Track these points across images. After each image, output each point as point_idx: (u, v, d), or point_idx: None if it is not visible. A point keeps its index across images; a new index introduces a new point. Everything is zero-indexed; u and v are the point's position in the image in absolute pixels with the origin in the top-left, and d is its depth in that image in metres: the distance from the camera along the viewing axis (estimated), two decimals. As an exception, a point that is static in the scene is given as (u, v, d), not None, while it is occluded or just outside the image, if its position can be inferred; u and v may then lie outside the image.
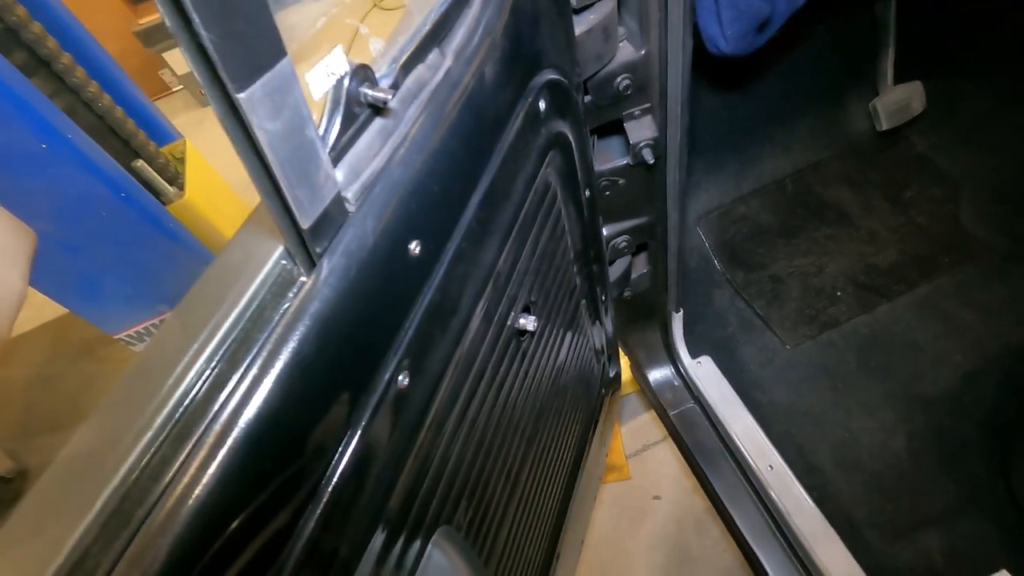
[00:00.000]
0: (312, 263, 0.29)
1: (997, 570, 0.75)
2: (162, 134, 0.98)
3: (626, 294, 0.96)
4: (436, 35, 0.36)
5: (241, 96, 0.22)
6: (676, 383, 1.06)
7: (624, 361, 1.22)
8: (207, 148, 1.26)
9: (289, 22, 0.26)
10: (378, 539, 0.36)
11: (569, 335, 0.73)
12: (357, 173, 0.32)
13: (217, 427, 0.25)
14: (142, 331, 0.93)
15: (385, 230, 0.32)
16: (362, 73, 0.31)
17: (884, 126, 1.05)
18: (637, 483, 1.37)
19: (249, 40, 0.22)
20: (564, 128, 0.52)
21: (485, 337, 0.46)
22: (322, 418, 0.30)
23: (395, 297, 0.35)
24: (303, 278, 0.29)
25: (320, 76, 0.29)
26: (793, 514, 0.86)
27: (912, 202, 1.08)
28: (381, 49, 0.35)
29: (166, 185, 0.88)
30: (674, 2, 0.55)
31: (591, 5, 0.56)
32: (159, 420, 0.25)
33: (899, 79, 1.03)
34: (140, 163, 0.82)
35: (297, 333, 0.28)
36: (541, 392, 0.65)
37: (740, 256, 1.14)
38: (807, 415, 0.96)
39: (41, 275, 0.77)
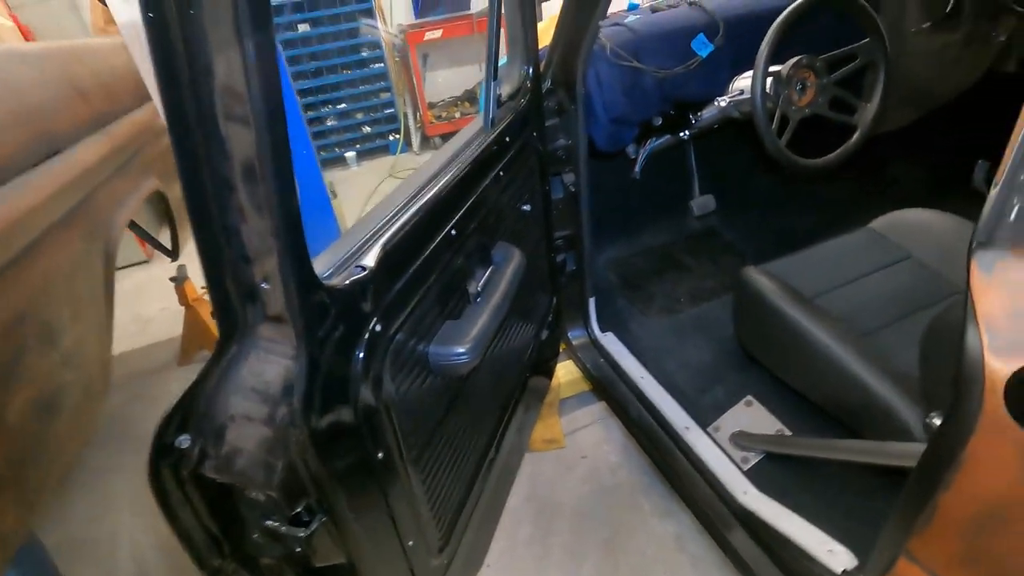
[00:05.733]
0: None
1: (745, 396, 1.44)
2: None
3: (562, 279, 1.72)
4: (511, 100, 1.22)
5: None
6: (591, 346, 1.77)
7: (565, 368, 1.92)
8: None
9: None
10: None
11: (536, 273, 1.47)
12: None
13: None
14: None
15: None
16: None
17: (696, 214, 1.99)
18: (570, 449, 1.95)
19: None
20: (537, 145, 1.35)
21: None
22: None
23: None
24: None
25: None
26: (651, 394, 1.53)
27: (718, 259, 1.97)
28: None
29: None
30: (575, 125, 1.45)
31: (550, 122, 1.46)
32: None
33: (702, 192, 2.00)
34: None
35: None
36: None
37: (630, 284, 1.95)
38: (663, 353, 1.68)
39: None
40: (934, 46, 1.64)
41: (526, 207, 1.32)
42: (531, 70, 1.23)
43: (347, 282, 0.64)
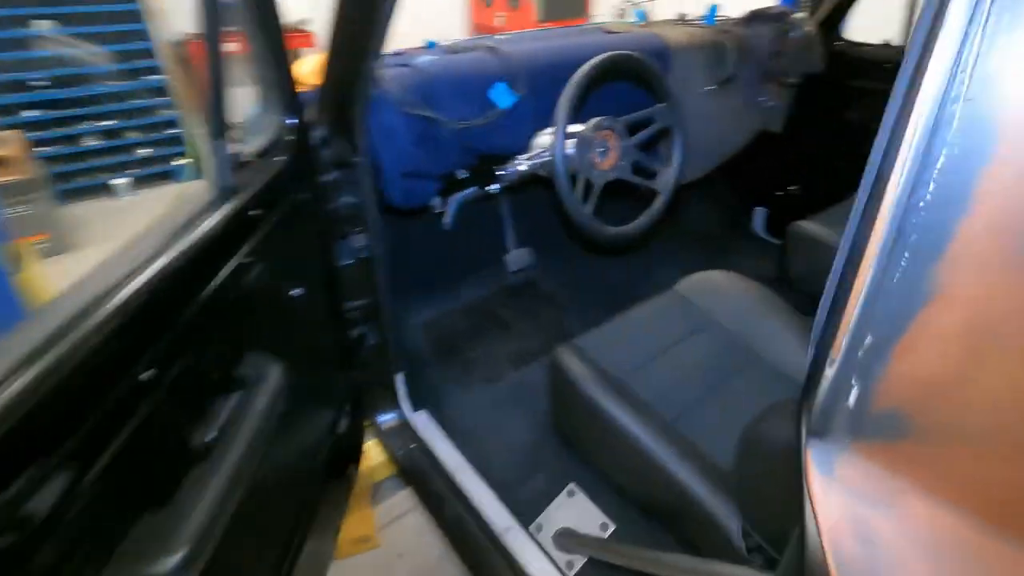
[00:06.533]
0: None
1: (568, 484, 1.31)
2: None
3: (363, 356, 1.45)
4: (263, 157, 0.93)
5: None
6: (402, 429, 1.52)
7: (372, 448, 1.63)
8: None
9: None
10: None
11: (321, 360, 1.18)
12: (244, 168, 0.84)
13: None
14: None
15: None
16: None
17: (511, 269, 1.87)
18: (386, 548, 1.66)
19: None
20: (311, 208, 1.09)
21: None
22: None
23: None
24: None
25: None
26: (469, 488, 1.32)
27: (540, 313, 1.87)
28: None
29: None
30: (362, 179, 1.21)
31: (329, 177, 1.19)
32: None
33: (518, 245, 1.89)
34: None
35: None
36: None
37: (447, 349, 1.74)
38: (483, 432, 1.49)
39: None
40: (716, 108, 1.73)
41: (296, 291, 1.03)
42: (291, 118, 0.96)
43: None
